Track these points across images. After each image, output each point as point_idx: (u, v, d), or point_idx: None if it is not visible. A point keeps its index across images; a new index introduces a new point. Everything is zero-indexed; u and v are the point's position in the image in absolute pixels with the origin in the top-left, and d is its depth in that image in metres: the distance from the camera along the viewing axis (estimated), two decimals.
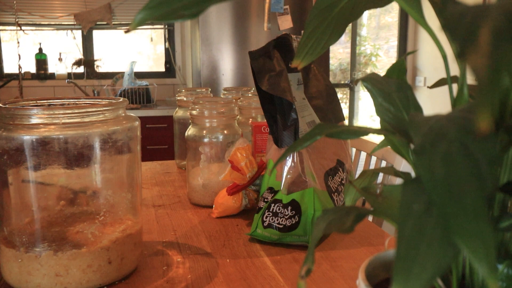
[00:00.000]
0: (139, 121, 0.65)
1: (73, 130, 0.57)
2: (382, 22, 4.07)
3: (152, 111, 2.90)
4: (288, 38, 0.80)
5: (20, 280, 0.58)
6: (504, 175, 0.30)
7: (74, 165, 0.58)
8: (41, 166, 0.56)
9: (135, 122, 0.63)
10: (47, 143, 0.56)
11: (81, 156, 0.58)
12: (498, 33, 0.19)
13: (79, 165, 0.57)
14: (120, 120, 0.61)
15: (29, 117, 0.55)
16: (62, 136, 0.56)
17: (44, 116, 0.56)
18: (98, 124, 0.58)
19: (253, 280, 0.61)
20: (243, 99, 1.10)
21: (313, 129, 0.30)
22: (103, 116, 0.59)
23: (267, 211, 0.73)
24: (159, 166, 1.29)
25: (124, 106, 0.62)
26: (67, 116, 0.56)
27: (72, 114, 0.56)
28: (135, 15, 0.27)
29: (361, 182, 0.39)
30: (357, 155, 1.26)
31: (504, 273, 0.30)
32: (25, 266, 0.57)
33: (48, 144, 0.56)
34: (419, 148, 0.23)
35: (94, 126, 0.58)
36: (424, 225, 0.22)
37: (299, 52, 0.34)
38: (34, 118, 0.55)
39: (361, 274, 0.35)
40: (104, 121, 0.59)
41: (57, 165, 0.57)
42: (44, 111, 0.56)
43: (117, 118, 0.60)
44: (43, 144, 0.55)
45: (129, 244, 0.62)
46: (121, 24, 3.35)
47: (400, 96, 0.35)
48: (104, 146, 0.59)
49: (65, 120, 0.56)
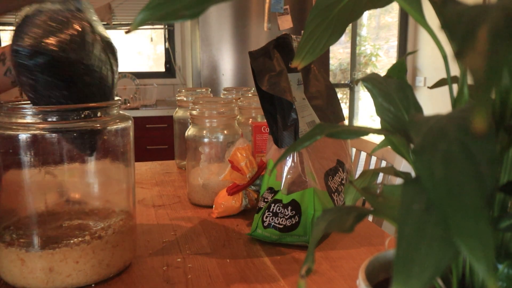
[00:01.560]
0: (132, 120, 0.66)
1: (66, 128, 0.58)
2: (382, 22, 4.07)
3: (152, 111, 2.90)
4: (288, 38, 0.80)
5: (12, 276, 0.59)
6: (504, 175, 0.30)
7: (68, 162, 0.59)
8: (36, 164, 0.57)
9: (129, 121, 0.65)
10: (40, 142, 0.57)
11: (75, 154, 0.59)
12: (496, 33, 0.19)
13: (73, 162, 0.58)
14: (114, 119, 0.63)
15: (24, 116, 0.57)
16: (55, 135, 0.57)
17: (38, 114, 0.57)
18: (92, 123, 0.60)
19: (253, 280, 0.61)
20: (243, 99, 1.10)
21: (313, 129, 0.30)
22: (97, 115, 0.60)
23: (267, 211, 0.73)
24: (159, 166, 1.29)
25: (119, 106, 0.64)
26: (60, 114, 0.57)
27: (66, 112, 0.58)
28: (135, 15, 0.27)
29: (361, 182, 0.39)
30: (357, 155, 1.26)
31: (504, 273, 0.30)
32: (16, 262, 0.58)
33: (42, 142, 0.57)
34: (419, 148, 0.23)
35: (88, 124, 0.59)
36: (424, 225, 0.22)
37: (299, 52, 0.34)
38: (28, 117, 0.57)
39: (361, 274, 0.35)
40: (98, 120, 0.60)
41: (51, 163, 0.58)
42: (38, 109, 0.57)
43: (111, 117, 0.62)
44: (37, 142, 0.57)
45: (124, 240, 0.63)
46: (121, 24, 3.35)
47: (400, 96, 0.35)
48: (98, 144, 0.61)
49: (58, 119, 0.57)
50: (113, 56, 0.64)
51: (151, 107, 3.00)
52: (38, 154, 0.57)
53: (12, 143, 0.57)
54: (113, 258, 0.61)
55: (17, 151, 0.57)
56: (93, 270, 0.59)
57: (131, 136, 0.66)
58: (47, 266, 0.57)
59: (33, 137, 0.57)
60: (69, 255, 0.58)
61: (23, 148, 0.56)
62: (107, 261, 0.60)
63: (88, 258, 0.59)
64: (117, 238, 0.62)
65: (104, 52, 0.62)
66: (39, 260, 0.57)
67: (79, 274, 0.58)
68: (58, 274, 0.58)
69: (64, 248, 0.57)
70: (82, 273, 0.59)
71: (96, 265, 0.59)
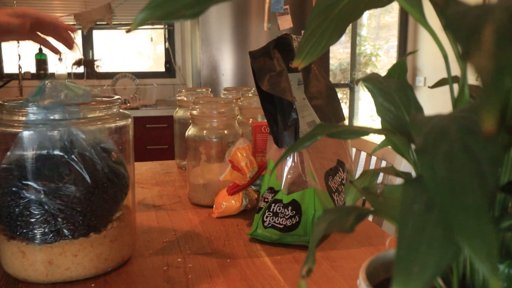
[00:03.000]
0: (132, 118, 0.68)
1: (67, 126, 0.59)
2: (382, 22, 4.07)
3: (152, 111, 2.90)
4: (288, 38, 0.80)
5: (14, 268, 0.60)
6: (505, 175, 0.30)
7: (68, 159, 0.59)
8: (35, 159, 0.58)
9: (128, 119, 0.66)
10: (41, 138, 0.58)
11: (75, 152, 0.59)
12: (501, 33, 0.19)
13: (73, 160, 0.59)
14: (114, 117, 0.64)
15: (25, 114, 0.58)
16: (57, 132, 0.58)
17: (38, 113, 0.58)
18: (92, 121, 0.61)
19: (253, 280, 0.61)
20: (243, 99, 1.10)
21: (313, 129, 0.30)
22: (97, 113, 0.62)
23: (267, 211, 0.73)
24: (159, 166, 1.29)
25: (119, 104, 0.65)
26: (62, 112, 0.58)
27: (67, 111, 0.59)
28: (135, 15, 0.27)
29: (362, 182, 0.39)
30: (357, 155, 1.26)
31: (505, 273, 0.30)
32: (17, 255, 0.59)
33: (43, 139, 0.58)
34: (421, 148, 0.23)
35: (88, 123, 0.61)
36: (425, 224, 0.22)
37: (299, 52, 0.34)
38: (29, 115, 0.58)
39: (362, 274, 0.35)
40: (98, 118, 0.62)
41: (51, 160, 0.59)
42: (38, 108, 0.58)
43: (111, 115, 0.63)
44: (38, 138, 0.58)
45: (122, 235, 0.64)
46: (121, 24, 3.35)
47: (400, 96, 0.35)
48: (98, 141, 0.62)
49: (59, 117, 0.58)
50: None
51: (151, 107, 3.00)
52: (38, 149, 0.58)
53: (12, 139, 0.58)
54: (112, 252, 0.62)
55: (18, 148, 0.58)
56: (92, 263, 0.60)
57: (130, 134, 0.67)
58: (47, 259, 0.58)
59: (33, 134, 0.58)
60: (68, 248, 0.59)
61: (23, 145, 0.58)
62: (105, 255, 0.61)
63: (87, 252, 0.60)
64: (116, 232, 0.63)
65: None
66: (39, 253, 0.58)
67: (78, 268, 0.59)
68: (57, 267, 0.59)
69: (63, 242, 0.58)
70: (81, 266, 0.59)
71: (95, 259, 0.60)
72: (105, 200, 0.61)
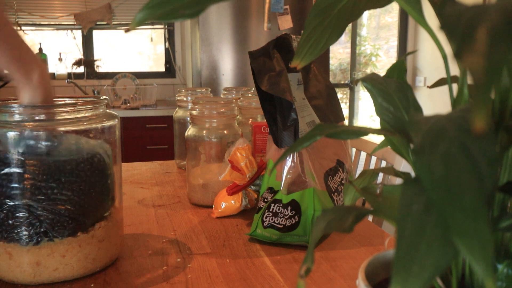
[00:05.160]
0: (118, 118, 0.68)
1: (53, 127, 0.59)
2: (382, 22, 4.07)
3: (152, 111, 2.90)
4: (288, 38, 0.80)
5: (1, 270, 0.59)
6: (504, 175, 0.30)
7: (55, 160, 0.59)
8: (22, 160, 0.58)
9: (115, 120, 0.66)
10: (27, 139, 0.58)
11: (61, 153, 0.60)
12: (495, 33, 0.19)
13: (59, 160, 0.59)
14: (100, 117, 0.64)
15: (12, 114, 0.58)
16: (42, 132, 0.58)
17: (25, 113, 0.58)
18: (79, 121, 0.61)
19: (253, 280, 0.61)
20: (243, 99, 1.10)
21: (313, 129, 0.30)
22: (83, 113, 0.62)
23: (267, 211, 0.73)
24: (159, 166, 1.29)
25: (104, 104, 0.65)
26: (48, 113, 0.59)
27: (53, 111, 0.59)
28: (135, 15, 0.27)
29: (361, 182, 0.39)
30: (357, 155, 1.26)
31: (503, 273, 0.30)
32: (4, 256, 0.58)
33: (29, 139, 0.58)
34: (418, 148, 0.23)
35: (75, 123, 0.61)
36: (424, 225, 0.22)
37: (298, 51, 0.34)
38: (15, 116, 0.58)
39: (361, 274, 0.35)
40: (85, 118, 0.62)
41: (37, 161, 0.59)
42: (24, 109, 0.58)
43: (97, 115, 0.63)
44: (24, 139, 0.58)
45: (110, 235, 0.64)
46: (121, 24, 3.35)
47: (400, 96, 0.35)
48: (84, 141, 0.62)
49: (45, 117, 0.59)
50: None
51: (151, 107, 3.00)
52: (24, 151, 0.58)
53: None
54: (99, 253, 0.62)
55: (4, 147, 0.58)
56: (79, 264, 0.60)
57: (117, 134, 0.67)
58: (35, 260, 0.58)
59: (19, 135, 0.58)
60: (56, 249, 0.58)
61: (10, 145, 0.57)
62: (93, 255, 0.61)
63: (75, 252, 0.60)
64: (103, 232, 0.63)
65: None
66: (27, 254, 0.58)
67: (66, 268, 0.59)
68: (45, 268, 0.58)
69: (51, 242, 0.58)
70: (69, 267, 0.59)
71: (82, 259, 0.60)
72: (91, 198, 0.61)
